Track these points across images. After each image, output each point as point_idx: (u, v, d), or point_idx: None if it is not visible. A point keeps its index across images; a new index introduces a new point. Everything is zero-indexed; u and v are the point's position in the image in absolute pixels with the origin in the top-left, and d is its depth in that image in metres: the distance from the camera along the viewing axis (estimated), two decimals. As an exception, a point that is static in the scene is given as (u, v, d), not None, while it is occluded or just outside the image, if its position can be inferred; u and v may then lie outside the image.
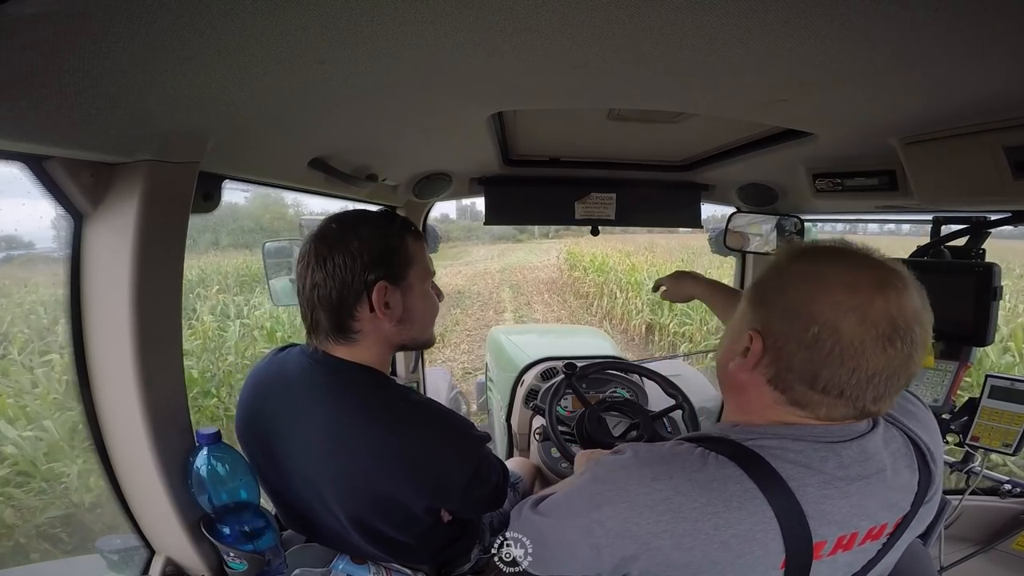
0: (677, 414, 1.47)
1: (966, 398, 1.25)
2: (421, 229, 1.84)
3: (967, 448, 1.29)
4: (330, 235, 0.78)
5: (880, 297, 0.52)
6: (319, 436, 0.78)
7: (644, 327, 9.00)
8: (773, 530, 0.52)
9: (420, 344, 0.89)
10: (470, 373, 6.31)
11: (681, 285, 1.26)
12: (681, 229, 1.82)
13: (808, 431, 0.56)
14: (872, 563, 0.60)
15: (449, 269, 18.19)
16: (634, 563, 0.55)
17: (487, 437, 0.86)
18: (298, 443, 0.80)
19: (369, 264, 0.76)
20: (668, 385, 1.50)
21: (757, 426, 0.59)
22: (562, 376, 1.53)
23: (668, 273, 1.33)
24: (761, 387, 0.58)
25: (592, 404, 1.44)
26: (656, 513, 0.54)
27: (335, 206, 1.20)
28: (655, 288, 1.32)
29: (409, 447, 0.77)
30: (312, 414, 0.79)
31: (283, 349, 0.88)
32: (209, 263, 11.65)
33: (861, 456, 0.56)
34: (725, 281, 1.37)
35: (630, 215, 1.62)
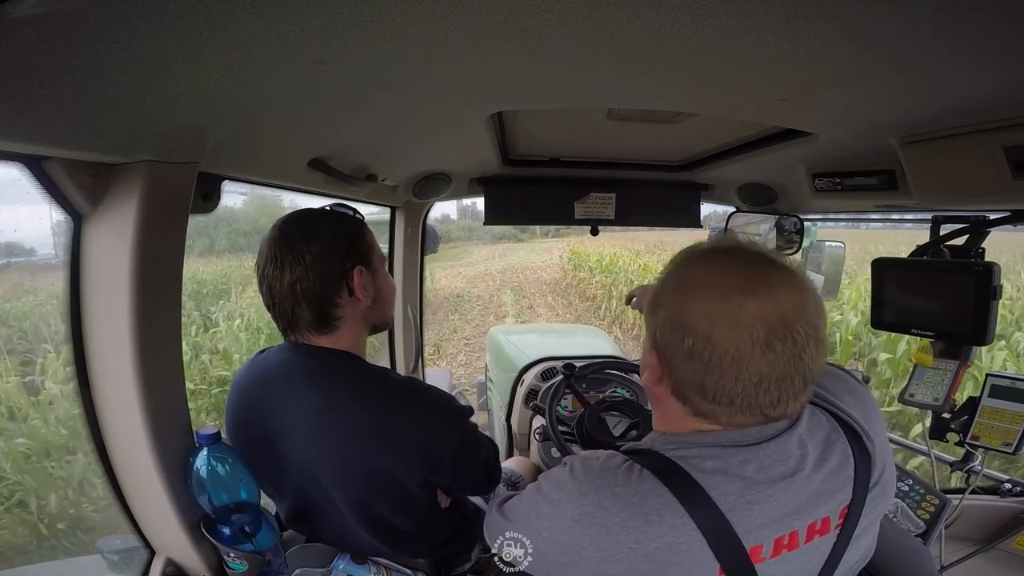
0: None
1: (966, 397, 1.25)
2: (421, 229, 1.85)
3: (967, 447, 1.29)
4: (295, 234, 0.81)
5: (751, 301, 0.50)
6: (306, 423, 0.80)
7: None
8: (698, 541, 0.52)
9: (387, 322, 0.95)
10: (468, 390, 4.82)
11: None
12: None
13: (726, 436, 0.56)
14: (835, 558, 0.59)
15: (448, 271, 17.36)
16: (572, 570, 0.57)
17: (470, 410, 0.89)
18: (292, 435, 0.82)
19: (344, 253, 0.82)
20: None
21: (678, 435, 0.59)
22: (561, 377, 1.53)
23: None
24: (669, 399, 0.58)
25: (592, 404, 1.44)
26: (583, 527, 0.55)
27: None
28: (628, 300, 1.24)
29: (393, 423, 0.79)
30: (298, 402, 0.81)
31: (262, 352, 0.91)
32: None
33: (782, 455, 0.55)
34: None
35: (630, 215, 1.62)
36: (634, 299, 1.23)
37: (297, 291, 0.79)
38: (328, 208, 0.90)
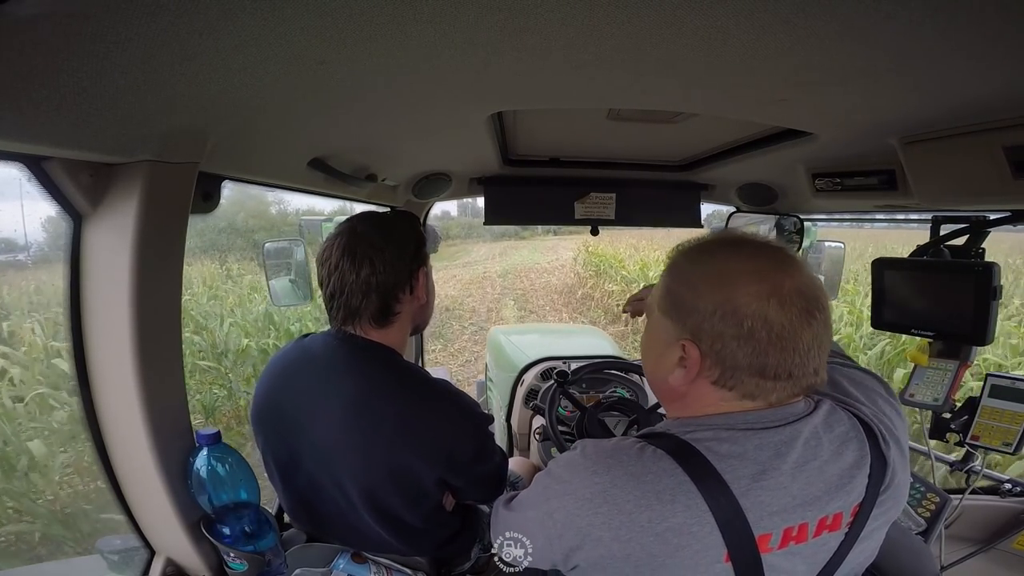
0: None
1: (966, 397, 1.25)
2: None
3: (967, 447, 1.29)
4: (372, 233, 0.87)
5: (787, 278, 0.54)
6: (344, 407, 0.83)
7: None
8: (708, 524, 0.53)
9: (426, 324, 1.02)
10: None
11: None
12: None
13: (740, 419, 0.57)
14: (839, 557, 0.59)
15: (442, 273, 14.58)
16: (579, 553, 0.57)
17: (491, 418, 0.94)
18: (320, 417, 0.84)
19: (414, 254, 0.90)
20: None
21: (696, 418, 0.60)
22: (553, 383, 1.53)
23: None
24: (704, 390, 0.59)
25: (588, 407, 1.45)
26: (595, 505, 0.55)
27: (325, 205, 1.23)
28: (625, 308, 1.17)
29: (426, 417, 0.84)
30: (340, 386, 0.84)
31: (305, 336, 0.94)
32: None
33: (795, 441, 0.56)
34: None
35: (630, 215, 1.62)
36: (640, 301, 1.16)
37: (372, 283, 0.85)
38: (399, 211, 0.99)
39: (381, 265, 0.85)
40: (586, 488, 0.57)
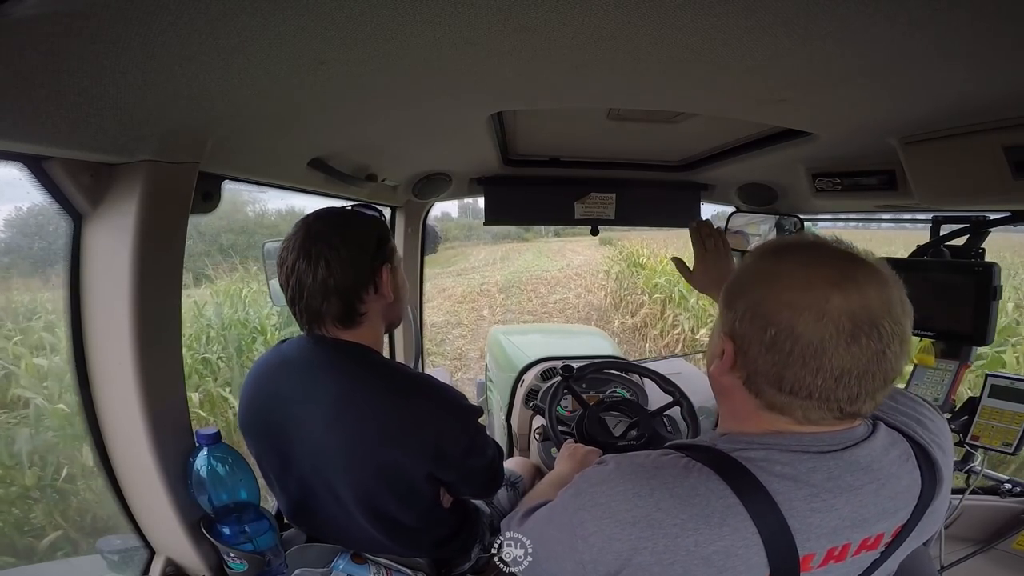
0: (676, 412, 1.47)
1: (966, 397, 1.25)
2: (421, 229, 1.86)
3: (967, 447, 1.29)
4: (327, 232, 0.83)
5: (838, 293, 0.50)
6: (326, 407, 0.81)
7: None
8: (756, 546, 0.51)
9: (400, 320, 0.98)
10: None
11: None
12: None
13: (796, 440, 0.55)
14: (867, 573, 0.58)
15: (431, 283, 11.24)
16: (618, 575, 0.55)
17: (480, 410, 0.91)
18: (305, 420, 0.82)
19: (374, 252, 0.85)
20: (665, 382, 1.50)
21: (747, 435, 0.57)
22: (559, 378, 1.53)
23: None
24: (740, 391, 0.57)
25: (590, 405, 1.44)
26: (638, 529, 0.53)
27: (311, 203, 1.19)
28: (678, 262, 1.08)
29: (410, 411, 0.81)
30: (319, 387, 0.82)
31: (283, 342, 0.92)
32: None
33: (852, 467, 0.54)
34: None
35: (630, 215, 1.63)
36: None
37: (329, 286, 0.81)
38: (352, 208, 0.94)
39: (338, 266, 0.81)
40: (627, 511, 0.53)
